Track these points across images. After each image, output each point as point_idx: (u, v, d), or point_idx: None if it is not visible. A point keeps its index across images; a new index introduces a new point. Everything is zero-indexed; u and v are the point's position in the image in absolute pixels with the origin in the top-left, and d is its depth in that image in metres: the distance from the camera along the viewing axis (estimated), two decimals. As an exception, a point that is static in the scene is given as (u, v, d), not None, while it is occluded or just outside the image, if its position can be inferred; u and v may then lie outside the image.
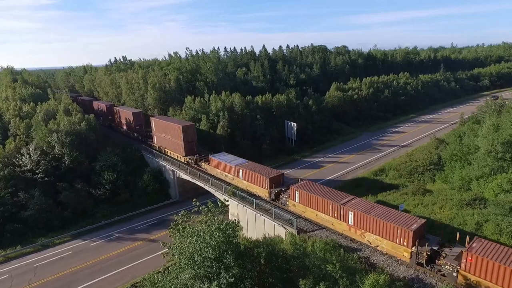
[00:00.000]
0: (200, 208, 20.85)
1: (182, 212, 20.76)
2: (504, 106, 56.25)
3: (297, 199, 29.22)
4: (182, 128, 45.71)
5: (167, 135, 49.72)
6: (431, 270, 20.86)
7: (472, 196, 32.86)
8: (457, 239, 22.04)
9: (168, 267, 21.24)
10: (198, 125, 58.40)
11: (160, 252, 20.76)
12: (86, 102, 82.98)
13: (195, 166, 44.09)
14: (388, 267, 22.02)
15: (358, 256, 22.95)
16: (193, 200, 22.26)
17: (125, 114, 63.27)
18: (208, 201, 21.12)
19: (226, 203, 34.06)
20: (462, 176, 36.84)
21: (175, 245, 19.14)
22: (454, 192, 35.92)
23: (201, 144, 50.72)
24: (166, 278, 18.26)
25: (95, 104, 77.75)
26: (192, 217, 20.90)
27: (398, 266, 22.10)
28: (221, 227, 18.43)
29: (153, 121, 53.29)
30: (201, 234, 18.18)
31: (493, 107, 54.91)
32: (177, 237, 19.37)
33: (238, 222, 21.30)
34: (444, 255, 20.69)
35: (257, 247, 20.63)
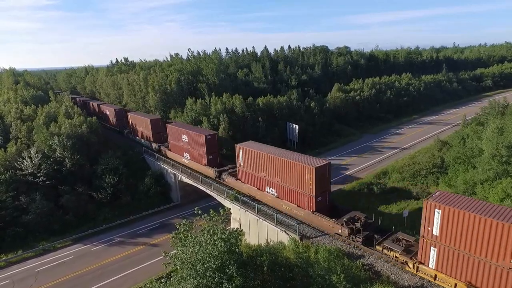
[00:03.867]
0: (202, 217, 20.62)
1: (184, 221, 20.52)
2: (507, 107, 55.88)
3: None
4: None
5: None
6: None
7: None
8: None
9: (169, 274, 20.96)
10: (199, 127, 58.24)
11: (161, 257, 20.50)
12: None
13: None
14: (393, 275, 21.74)
15: (362, 264, 22.70)
16: (196, 208, 22.00)
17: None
18: (210, 210, 20.85)
19: (228, 207, 34.01)
20: (466, 180, 36.41)
21: (177, 255, 18.90)
22: (458, 196, 35.51)
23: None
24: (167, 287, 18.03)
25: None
26: (194, 226, 20.64)
27: (403, 274, 21.81)
28: (224, 236, 18.20)
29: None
30: (204, 244, 17.95)
31: (497, 109, 54.53)
32: (179, 247, 19.14)
33: (241, 230, 21.07)
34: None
35: (260, 255, 20.37)
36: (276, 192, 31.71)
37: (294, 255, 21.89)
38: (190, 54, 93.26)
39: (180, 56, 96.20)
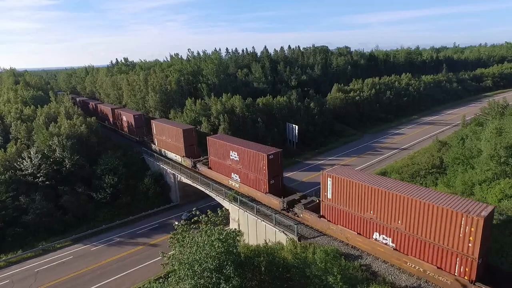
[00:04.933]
0: (200, 218, 20.74)
1: (181, 222, 20.63)
2: (507, 108, 55.93)
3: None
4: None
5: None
6: None
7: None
8: None
9: (168, 275, 21.09)
10: (199, 127, 58.40)
11: (160, 257, 20.66)
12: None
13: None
14: (390, 276, 21.82)
15: (359, 264, 22.77)
16: (193, 209, 22.12)
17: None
18: (208, 210, 20.96)
19: (227, 207, 34.10)
20: (465, 181, 36.52)
21: (174, 256, 19.03)
22: (457, 197, 35.61)
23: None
24: (166, 288, 18.16)
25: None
26: (192, 226, 20.77)
27: (400, 274, 21.89)
28: (221, 237, 18.30)
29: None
30: (201, 245, 18.06)
31: (496, 109, 54.59)
32: (176, 247, 19.26)
33: (239, 231, 21.18)
34: None
35: (258, 256, 20.48)
36: (393, 242, 22.16)
37: (292, 255, 21.98)
38: (190, 54, 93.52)
39: (180, 56, 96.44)
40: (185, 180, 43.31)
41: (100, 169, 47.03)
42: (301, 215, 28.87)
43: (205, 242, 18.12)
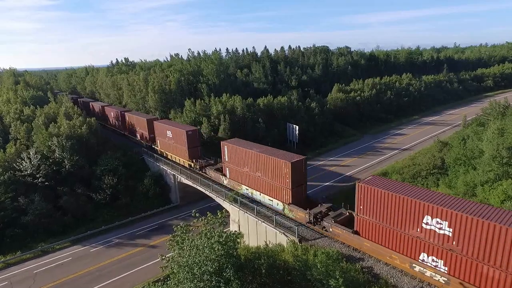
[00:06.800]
0: (200, 219, 20.51)
1: (181, 223, 20.42)
2: (508, 108, 55.71)
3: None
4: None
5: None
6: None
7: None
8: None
9: (167, 277, 20.85)
10: (199, 128, 58.10)
11: (159, 259, 20.41)
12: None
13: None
14: (392, 279, 21.55)
15: (361, 266, 22.53)
16: (193, 211, 21.89)
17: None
18: (208, 212, 20.73)
19: (227, 208, 33.85)
20: (467, 181, 36.26)
21: (173, 258, 18.80)
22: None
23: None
24: (165, 291, 17.92)
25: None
26: (192, 229, 20.53)
27: (402, 277, 21.64)
28: (221, 240, 18.06)
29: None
30: (201, 248, 17.82)
31: (497, 109, 54.37)
32: (175, 250, 19.04)
33: (239, 233, 20.92)
34: None
35: (258, 258, 20.24)
36: None
37: (293, 258, 21.74)
38: (190, 55, 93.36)
39: (180, 57, 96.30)
40: (185, 180, 43.06)
41: (100, 169, 46.78)
42: None
43: (205, 245, 17.88)
